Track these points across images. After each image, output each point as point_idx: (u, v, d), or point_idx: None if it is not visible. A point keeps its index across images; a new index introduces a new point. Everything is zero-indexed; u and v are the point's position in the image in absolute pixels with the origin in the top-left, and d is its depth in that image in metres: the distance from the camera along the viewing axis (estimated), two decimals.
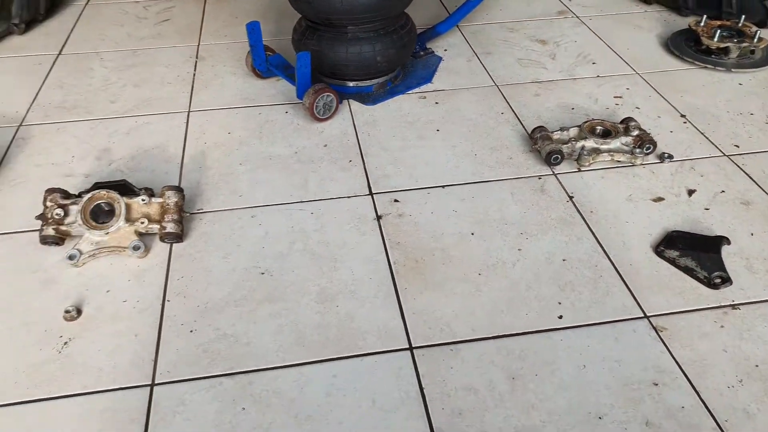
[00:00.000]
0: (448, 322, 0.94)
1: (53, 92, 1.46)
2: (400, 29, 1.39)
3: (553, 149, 1.20)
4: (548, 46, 1.65)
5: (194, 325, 0.93)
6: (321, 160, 1.25)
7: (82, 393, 0.84)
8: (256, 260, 1.03)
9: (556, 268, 1.02)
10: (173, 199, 1.05)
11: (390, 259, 1.04)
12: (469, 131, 1.33)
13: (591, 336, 0.92)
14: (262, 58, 1.45)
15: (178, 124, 1.35)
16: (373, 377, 0.86)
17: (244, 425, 0.80)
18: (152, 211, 1.05)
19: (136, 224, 1.03)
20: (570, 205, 1.14)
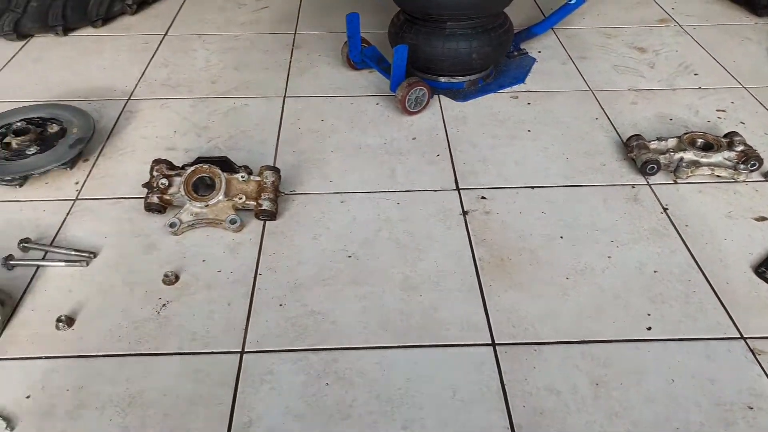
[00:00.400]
0: (532, 323, 0.93)
1: (159, 70, 1.54)
2: (498, 28, 1.38)
3: (650, 158, 1.17)
4: (647, 54, 1.60)
5: (284, 300, 0.96)
6: (409, 153, 1.27)
7: (178, 353, 0.88)
8: (343, 243, 1.06)
9: (646, 279, 1.00)
10: (270, 178, 1.09)
11: (475, 255, 1.04)
12: (562, 134, 1.31)
13: (681, 351, 0.89)
14: (358, 50, 1.47)
15: (274, 107, 1.40)
16: (455, 368, 0.87)
17: (328, 399, 0.83)
18: (250, 189, 1.09)
19: (234, 200, 1.07)
20: (664, 217, 1.11)
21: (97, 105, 1.39)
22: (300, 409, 0.81)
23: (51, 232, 1.07)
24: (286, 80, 1.50)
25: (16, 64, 1.56)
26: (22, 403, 0.81)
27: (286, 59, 1.59)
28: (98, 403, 0.81)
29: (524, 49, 1.61)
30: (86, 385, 0.83)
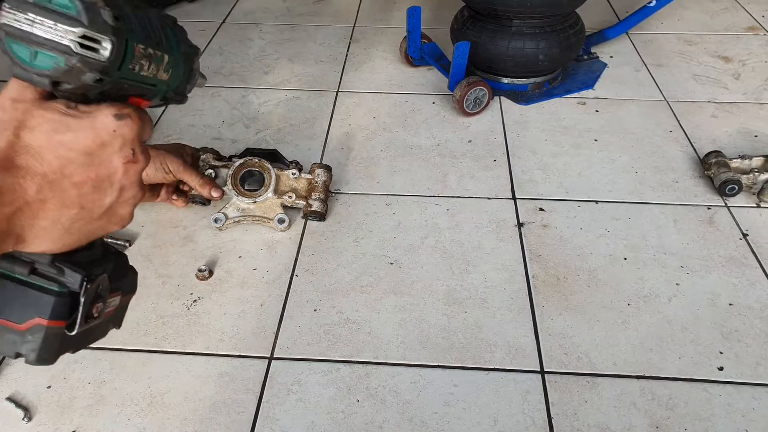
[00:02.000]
0: (587, 351, 0.84)
1: (213, 58, 1.52)
2: (568, 28, 1.29)
3: (731, 178, 1.06)
4: (732, 64, 1.47)
5: (319, 305, 0.90)
6: (463, 156, 1.19)
7: (204, 353, 0.84)
8: (386, 249, 0.99)
9: (720, 313, 0.89)
10: (322, 177, 1.03)
11: (528, 271, 0.95)
12: (631, 146, 1.21)
13: (758, 397, 0.79)
14: (417, 45, 1.41)
15: (326, 102, 1.35)
16: (498, 395, 0.79)
17: (357, 418, 0.76)
18: (300, 186, 1.04)
19: (283, 197, 1.02)
20: (743, 244, 1.00)
21: None
22: (326, 426, 0.76)
23: None
24: (340, 74, 1.45)
25: None
26: (42, 393, 0.78)
27: (342, 53, 1.54)
28: (118, 400, 0.78)
29: (595, 53, 1.51)
30: (108, 380, 0.80)
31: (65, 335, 0.50)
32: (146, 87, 0.53)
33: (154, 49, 0.52)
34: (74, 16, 0.44)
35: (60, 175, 0.46)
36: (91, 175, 0.48)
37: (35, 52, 0.45)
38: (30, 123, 0.46)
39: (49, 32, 0.44)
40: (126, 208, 0.52)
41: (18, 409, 0.76)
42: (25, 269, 0.48)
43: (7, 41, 0.44)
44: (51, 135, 0.46)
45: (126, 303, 0.60)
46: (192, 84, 0.65)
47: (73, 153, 0.47)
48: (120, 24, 0.47)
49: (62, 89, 0.47)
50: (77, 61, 0.45)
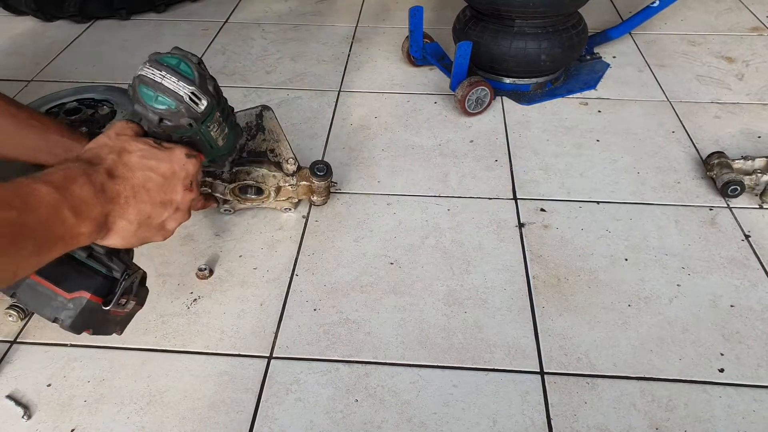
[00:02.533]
0: (586, 352, 0.84)
1: (216, 57, 1.52)
2: (571, 28, 1.28)
3: (733, 179, 1.05)
4: (736, 65, 1.47)
5: (318, 304, 0.90)
6: (465, 156, 1.19)
7: (203, 352, 0.84)
8: (386, 249, 0.99)
9: (721, 314, 0.89)
10: (323, 183, 1.03)
11: (529, 272, 0.95)
12: (634, 146, 1.20)
13: (758, 400, 0.78)
14: (419, 45, 1.41)
15: (327, 102, 1.35)
16: (497, 396, 0.79)
17: (355, 418, 0.76)
18: (301, 191, 1.04)
19: (284, 202, 1.04)
20: (745, 245, 0.99)
21: None
22: (325, 426, 0.76)
23: None
24: (342, 74, 1.45)
25: (77, 46, 1.57)
26: (42, 391, 0.79)
27: (344, 52, 1.54)
28: (117, 399, 0.78)
29: (598, 54, 1.50)
30: (108, 379, 0.80)
31: (97, 311, 0.64)
32: (208, 146, 0.75)
33: (224, 120, 0.75)
34: (192, 79, 0.67)
35: (142, 188, 0.62)
36: (161, 192, 0.64)
37: (157, 96, 0.65)
38: (129, 148, 0.63)
39: (172, 85, 0.65)
40: (173, 224, 0.68)
41: (18, 407, 0.76)
42: (84, 253, 0.63)
43: (139, 86, 0.65)
44: (141, 159, 0.63)
45: (134, 313, 0.72)
46: (233, 157, 0.92)
47: (154, 174, 0.63)
48: (215, 94, 0.70)
49: (161, 126, 0.67)
50: (183, 108, 0.66)
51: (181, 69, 0.66)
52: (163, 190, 0.65)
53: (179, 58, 0.67)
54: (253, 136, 1.00)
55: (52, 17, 1.65)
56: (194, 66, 0.67)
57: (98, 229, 0.58)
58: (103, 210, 0.57)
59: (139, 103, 0.66)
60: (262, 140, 1.00)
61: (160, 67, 0.65)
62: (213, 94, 0.70)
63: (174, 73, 0.65)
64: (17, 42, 1.58)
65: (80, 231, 0.54)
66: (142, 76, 0.65)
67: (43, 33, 1.62)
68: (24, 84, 1.40)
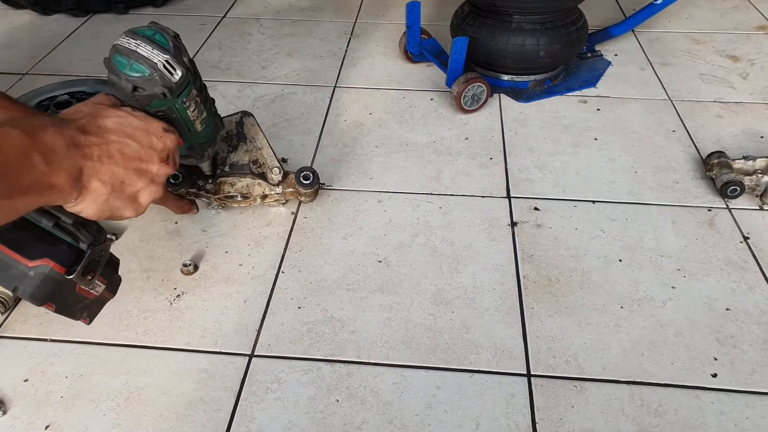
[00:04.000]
0: (575, 354, 0.82)
1: (212, 52, 1.51)
2: (570, 25, 1.26)
3: (732, 179, 1.02)
4: (740, 64, 1.43)
5: (303, 302, 0.89)
6: (459, 154, 1.17)
7: (184, 349, 0.82)
8: (375, 246, 0.97)
9: (716, 318, 0.86)
10: (309, 190, 1.01)
11: (519, 272, 0.93)
12: (632, 145, 1.18)
13: (751, 406, 0.76)
14: (416, 41, 1.39)
15: (322, 97, 1.33)
16: (481, 398, 0.77)
17: (335, 419, 0.75)
18: (288, 195, 1.02)
19: (272, 202, 1.04)
20: (743, 247, 0.97)
21: None
22: (304, 426, 0.74)
23: None
24: (338, 69, 1.43)
25: (74, 40, 1.56)
26: (18, 386, 0.77)
27: (341, 48, 1.52)
28: (95, 395, 0.77)
29: (599, 51, 1.48)
30: (86, 375, 0.79)
31: (61, 283, 0.62)
32: (185, 127, 0.75)
33: (201, 102, 0.77)
34: (167, 48, 0.67)
35: (118, 151, 0.61)
36: (137, 160, 0.63)
37: (132, 63, 0.65)
38: (104, 113, 0.62)
39: (147, 53, 0.65)
40: (146, 197, 0.66)
41: None
42: (50, 221, 0.62)
43: (114, 55, 0.66)
44: (118, 124, 0.62)
45: (104, 301, 0.70)
46: (212, 149, 0.89)
47: (130, 140, 0.62)
48: (190, 68, 0.71)
49: (135, 96, 0.67)
50: (157, 75, 0.66)
51: (157, 39, 0.67)
52: (139, 157, 0.63)
53: (155, 30, 0.68)
54: (235, 147, 0.97)
55: (51, 11, 1.64)
56: (170, 38, 0.68)
57: (73, 184, 0.56)
58: (75, 163, 0.56)
59: (113, 72, 0.66)
60: (244, 151, 0.98)
61: (136, 36, 0.66)
62: (188, 67, 0.70)
63: (149, 42, 0.66)
64: (14, 35, 1.58)
65: (54, 181, 0.53)
66: (117, 45, 0.66)
67: (40, 26, 1.62)
68: (18, 77, 1.39)
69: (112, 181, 0.61)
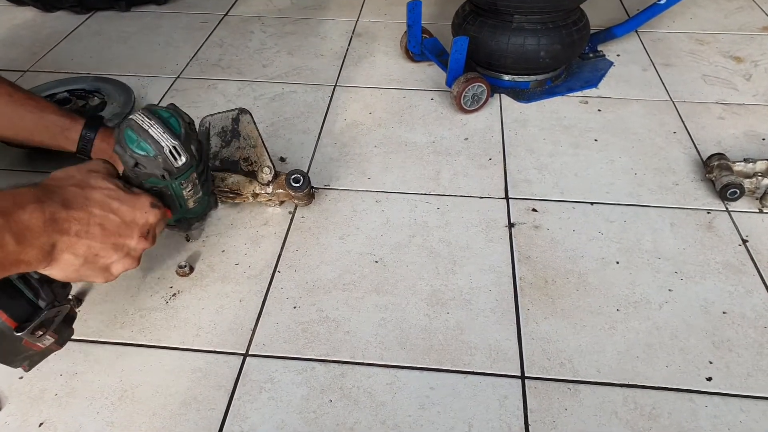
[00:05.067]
0: (570, 357, 0.82)
1: (212, 50, 1.51)
2: (571, 25, 1.25)
3: (732, 182, 1.02)
4: (744, 65, 1.43)
5: (299, 302, 0.89)
6: (458, 154, 1.17)
7: (179, 348, 0.83)
8: (372, 247, 0.97)
9: (712, 321, 0.86)
10: (299, 194, 1.01)
11: (516, 273, 0.93)
12: (632, 147, 1.17)
13: (746, 410, 0.75)
14: (417, 40, 1.38)
15: (322, 96, 1.33)
16: (474, 400, 0.77)
17: (328, 419, 0.75)
18: (281, 197, 1.02)
19: (266, 202, 1.04)
20: (742, 250, 0.96)
21: (146, 81, 1.37)
22: (296, 426, 0.74)
23: None
24: (339, 69, 1.43)
25: (76, 37, 1.57)
26: (14, 383, 0.78)
27: (343, 47, 1.52)
28: (89, 393, 0.77)
29: (601, 51, 1.47)
30: (81, 372, 0.79)
31: (8, 336, 0.61)
32: (177, 204, 0.78)
33: (200, 184, 0.79)
34: (177, 134, 0.70)
35: (98, 225, 0.62)
36: (116, 235, 0.65)
37: (140, 141, 0.68)
38: (94, 184, 0.64)
39: (157, 135, 0.68)
40: (119, 268, 0.69)
41: None
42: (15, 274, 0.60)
43: (126, 129, 0.68)
44: (105, 197, 0.64)
45: (50, 352, 0.71)
46: (200, 225, 0.95)
47: (113, 215, 0.64)
48: (195, 155, 0.74)
49: (135, 171, 0.70)
50: (161, 158, 0.69)
51: (171, 123, 0.70)
52: (119, 232, 0.65)
53: (171, 113, 0.71)
54: (228, 142, 0.97)
55: (52, 8, 1.65)
56: (184, 124, 0.71)
57: (43, 257, 0.58)
58: (50, 239, 0.57)
59: (120, 144, 0.69)
60: (236, 148, 0.98)
61: (151, 116, 0.69)
62: (194, 155, 0.73)
63: (162, 124, 0.69)
64: (15, 32, 1.58)
65: (22, 258, 0.55)
66: (132, 120, 0.69)
67: (42, 23, 1.63)
68: (20, 74, 1.40)
69: (87, 254, 0.62)
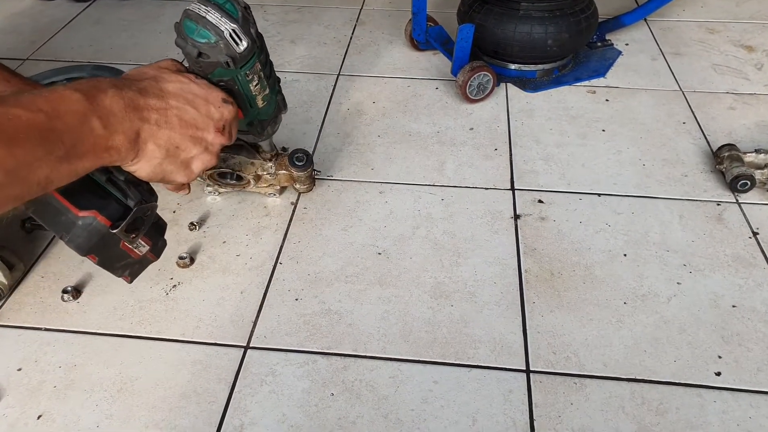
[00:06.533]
0: (576, 351, 0.80)
1: None
2: (579, 13, 1.23)
3: (743, 173, 1.00)
4: (755, 54, 1.40)
5: (301, 294, 0.88)
6: (463, 144, 1.15)
7: (179, 340, 0.82)
8: (375, 238, 0.96)
9: (722, 315, 0.84)
10: (303, 174, 1.00)
11: (521, 265, 0.91)
12: (640, 137, 1.15)
13: (756, 406, 0.74)
14: (422, 28, 1.36)
15: (325, 85, 1.31)
16: (478, 394, 0.76)
17: (330, 412, 0.74)
18: (282, 179, 1.01)
19: (267, 188, 1.02)
20: (752, 243, 0.94)
21: None
22: (297, 420, 0.73)
23: None
24: (342, 57, 1.41)
25: (75, 25, 1.55)
26: (12, 375, 0.77)
27: (346, 35, 1.50)
28: (88, 386, 0.76)
29: (609, 40, 1.45)
30: (80, 364, 0.78)
31: (106, 236, 0.62)
32: (246, 102, 0.77)
33: (265, 77, 0.77)
34: (235, 18, 0.68)
35: (176, 116, 0.61)
36: (194, 127, 0.63)
37: (199, 29, 0.67)
38: (167, 78, 0.63)
39: (216, 20, 0.67)
40: (198, 165, 0.67)
41: None
42: (103, 176, 0.62)
43: (184, 19, 0.68)
44: (179, 89, 0.63)
45: (148, 262, 0.72)
46: (272, 129, 0.91)
47: (189, 106, 0.63)
48: (256, 40, 0.72)
49: (199, 62, 0.68)
50: (222, 43, 0.68)
51: (227, 8, 0.68)
52: (196, 124, 0.64)
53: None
54: None
55: None
56: (240, 8, 0.69)
57: (130, 145, 0.57)
58: (133, 125, 0.57)
59: (180, 36, 0.68)
60: None
61: (207, 3, 0.67)
62: (255, 38, 0.71)
63: (218, 9, 0.67)
64: (15, 21, 1.57)
65: (111, 144, 0.54)
66: (188, 10, 0.67)
67: (41, 11, 1.61)
68: (19, 62, 1.38)
69: (168, 145, 0.61)
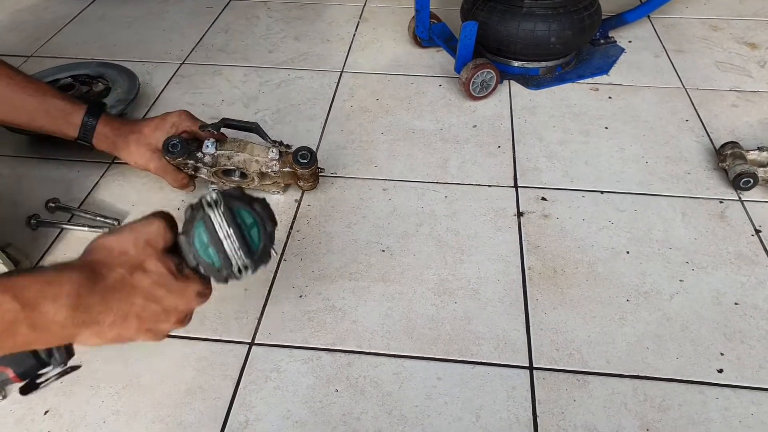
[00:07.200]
0: (579, 348, 0.81)
1: (218, 36, 1.49)
2: (583, 10, 1.23)
3: (746, 171, 1.00)
4: (758, 51, 1.40)
5: (305, 291, 0.88)
6: (467, 142, 1.15)
7: (185, 336, 0.82)
8: (378, 235, 0.96)
9: (724, 312, 0.85)
10: (306, 171, 1.00)
11: (525, 263, 0.92)
12: (643, 135, 1.15)
13: (758, 403, 0.74)
14: (425, 25, 1.36)
15: (328, 83, 1.32)
16: (482, 390, 0.76)
17: (334, 408, 0.74)
18: (286, 177, 1.01)
19: (271, 186, 1.02)
20: (755, 240, 0.95)
21: (150, 67, 1.36)
22: (302, 416, 0.74)
23: (82, 194, 1.04)
24: (346, 54, 1.41)
25: (80, 21, 1.55)
26: None
27: (349, 32, 1.50)
28: (93, 382, 0.77)
29: (612, 37, 1.45)
30: (86, 361, 0.79)
31: None
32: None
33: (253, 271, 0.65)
34: (254, 251, 0.60)
35: (135, 316, 0.57)
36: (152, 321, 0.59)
37: (209, 248, 0.59)
38: (146, 267, 0.57)
39: (230, 250, 0.58)
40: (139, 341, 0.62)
41: None
42: None
43: (199, 224, 0.58)
44: (152, 285, 0.57)
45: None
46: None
47: (155, 304, 0.58)
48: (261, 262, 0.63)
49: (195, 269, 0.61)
50: (226, 272, 0.60)
51: (251, 235, 0.60)
52: (156, 319, 0.60)
53: (256, 220, 0.60)
54: None
55: None
56: (265, 236, 0.61)
57: (60, 342, 0.56)
58: (75, 331, 0.54)
59: (187, 236, 0.60)
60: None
61: (231, 222, 0.58)
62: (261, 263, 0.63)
63: (240, 237, 0.59)
64: (19, 17, 1.57)
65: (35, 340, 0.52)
66: (209, 218, 0.58)
67: (45, 8, 1.61)
68: (23, 59, 1.39)
69: (114, 339, 0.58)
